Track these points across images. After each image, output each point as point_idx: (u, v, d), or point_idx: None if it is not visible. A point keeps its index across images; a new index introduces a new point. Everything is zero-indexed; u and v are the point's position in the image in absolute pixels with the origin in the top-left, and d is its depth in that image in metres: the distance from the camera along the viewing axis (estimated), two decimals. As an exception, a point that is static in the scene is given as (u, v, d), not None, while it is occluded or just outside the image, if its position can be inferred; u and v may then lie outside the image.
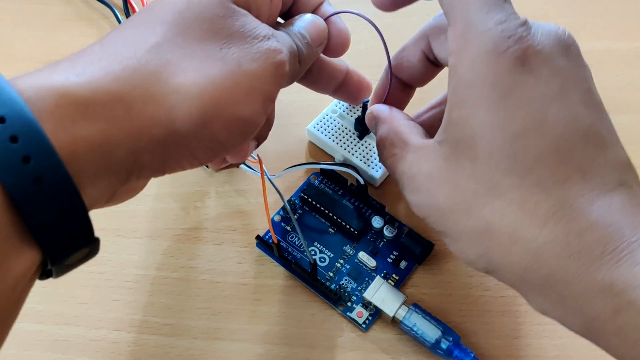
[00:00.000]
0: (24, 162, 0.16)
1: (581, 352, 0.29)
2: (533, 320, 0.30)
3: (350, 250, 0.32)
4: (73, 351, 0.30)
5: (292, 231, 0.33)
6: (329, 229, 0.33)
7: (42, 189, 0.16)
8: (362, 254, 0.32)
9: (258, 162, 0.31)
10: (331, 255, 0.32)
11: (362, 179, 0.31)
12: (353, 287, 0.31)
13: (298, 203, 0.34)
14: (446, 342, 0.28)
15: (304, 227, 0.33)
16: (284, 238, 0.33)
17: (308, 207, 0.33)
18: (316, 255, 0.32)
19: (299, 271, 0.31)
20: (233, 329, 0.31)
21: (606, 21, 0.40)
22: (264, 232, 0.33)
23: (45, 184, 0.16)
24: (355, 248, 0.32)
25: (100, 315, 0.31)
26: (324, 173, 0.34)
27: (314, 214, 0.33)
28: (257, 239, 0.32)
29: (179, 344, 0.30)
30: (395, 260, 0.32)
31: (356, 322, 0.30)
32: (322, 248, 0.32)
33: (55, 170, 0.17)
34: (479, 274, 0.32)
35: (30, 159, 0.16)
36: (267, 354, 0.30)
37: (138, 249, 0.33)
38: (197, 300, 0.31)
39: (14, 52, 0.40)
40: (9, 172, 0.16)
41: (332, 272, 0.32)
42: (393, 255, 0.32)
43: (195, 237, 0.33)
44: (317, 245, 0.32)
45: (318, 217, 0.33)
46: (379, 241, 0.32)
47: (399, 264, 0.32)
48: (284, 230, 0.33)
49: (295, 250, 0.32)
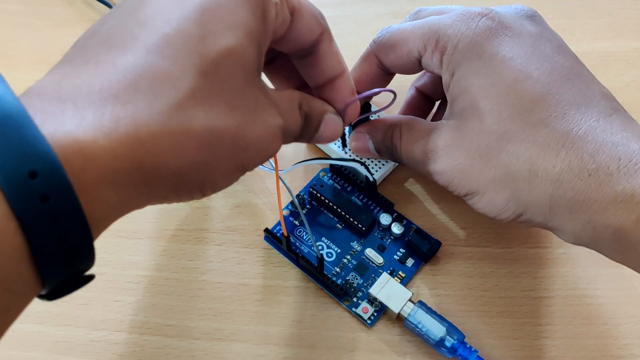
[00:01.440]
0: (50, 221, 0.16)
1: (581, 352, 0.29)
2: (533, 320, 0.30)
3: (357, 246, 0.32)
4: (74, 352, 0.30)
5: (300, 226, 0.33)
6: (336, 224, 0.33)
7: (61, 247, 0.17)
8: (369, 250, 0.32)
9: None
10: (338, 251, 0.32)
11: (371, 176, 0.32)
12: (359, 282, 0.31)
13: (307, 198, 0.34)
14: (451, 340, 0.28)
15: (312, 222, 0.33)
16: (292, 233, 0.33)
17: (317, 203, 0.34)
18: (323, 250, 0.32)
19: (306, 265, 0.31)
20: (234, 330, 0.31)
21: (606, 21, 0.40)
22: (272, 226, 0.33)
23: (68, 244, 0.17)
24: (362, 244, 0.32)
25: (101, 316, 0.31)
26: (333, 169, 0.34)
27: (322, 210, 0.34)
28: (266, 231, 0.32)
29: (180, 344, 0.30)
30: (402, 257, 0.32)
31: (361, 318, 0.30)
32: (329, 243, 0.32)
33: (80, 234, 0.17)
34: (479, 274, 0.32)
35: (58, 220, 0.16)
36: (268, 354, 0.30)
37: (139, 249, 0.33)
38: (198, 301, 0.32)
39: (16, 53, 0.41)
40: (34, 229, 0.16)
41: (339, 268, 0.32)
42: (400, 252, 0.32)
43: (195, 237, 0.33)
44: (325, 241, 0.33)
45: (326, 213, 0.33)
46: (386, 238, 0.33)
47: (405, 261, 0.32)
48: (292, 224, 0.33)
49: (302, 245, 0.32)
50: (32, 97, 0.18)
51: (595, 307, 0.31)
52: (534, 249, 0.32)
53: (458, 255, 0.32)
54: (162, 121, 0.18)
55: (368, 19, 0.41)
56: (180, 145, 0.19)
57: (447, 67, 0.27)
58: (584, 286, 0.31)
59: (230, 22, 0.20)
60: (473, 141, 0.25)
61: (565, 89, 0.24)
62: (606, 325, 0.30)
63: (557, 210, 0.24)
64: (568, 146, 0.23)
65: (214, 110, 0.19)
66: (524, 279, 0.31)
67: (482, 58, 0.25)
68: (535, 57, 0.25)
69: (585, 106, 0.24)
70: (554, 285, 0.31)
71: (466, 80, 0.26)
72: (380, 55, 0.29)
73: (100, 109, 0.17)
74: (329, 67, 0.26)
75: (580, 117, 0.24)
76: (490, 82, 0.25)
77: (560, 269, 0.32)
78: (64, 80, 0.18)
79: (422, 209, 0.34)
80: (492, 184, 0.25)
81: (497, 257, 0.32)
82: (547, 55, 0.25)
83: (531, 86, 0.24)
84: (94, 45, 0.20)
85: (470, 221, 0.33)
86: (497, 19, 0.26)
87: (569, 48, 0.27)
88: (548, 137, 0.24)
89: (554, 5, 0.41)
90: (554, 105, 0.24)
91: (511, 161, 0.24)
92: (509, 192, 0.25)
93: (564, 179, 0.23)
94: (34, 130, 0.16)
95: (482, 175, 0.25)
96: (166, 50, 0.19)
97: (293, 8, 0.24)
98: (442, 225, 0.33)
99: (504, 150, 0.25)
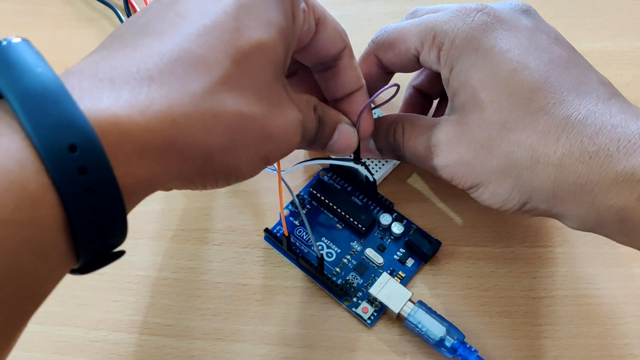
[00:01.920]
0: (87, 193, 0.17)
1: (581, 352, 0.29)
2: (533, 320, 0.30)
3: (357, 247, 0.32)
4: (73, 352, 0.30)
5: (300, 226, 0.33)
6: (336, 224, 0.33)
7: (96, 219, 0.17)
8: (369, 250, 0.32)
9: None
10: (338, 251, 0.32)
11: (371, 176, 0.32)
12: (359, 282, 0.31)
13: (307, 198, 0.34)
14: (450, 340, 0.28)
15: (312, 222, 0.33)
16: (292, 232, 0.33)
17: (317, 203, 0.34)
18: (323, 250, 0.32)
19: (306, 265, 0.31)
20: (234, 330, 0.31)
21: (606, 21, 0.40)
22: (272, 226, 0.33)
23: (103, 216, 0.17)
24: (362, 244, 0.32)
25: (100, 316, 0.31)
26: (333, 169, 0.34)
27: (322, 210, 0.34)
28: (266, 231, 0.32)
29: (179, 345, 0.30)
30: (402, 257, 0.32)
31: (361, 318, 0.30)
32: (329, 243, 0.32)
33: (115, 208, 0.17)
34: (479, 274, 0.32)
35: (94, 192, 0.17)
36: (268, 354, 0.30)
37: (138, 249, 0.33)
38: (197, 301, 0.32)
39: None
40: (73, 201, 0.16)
41: (339, 268, 0.32)
42: (400, 252, 0.32)
43: (195, 237, 0.33)
44: (325, 241, 0.33)
45: (326, 213, 0.33)
46: (386, 238, 0.33)
47: (405, 261, 0.32)
48: (292, 224, 0.33)
49: (302, 245, 0.32)
50: (69, 76, 0.18)
51: (595, 307, 0.31)
52: (533, 249, 0.32)
53: (458, 255, 0.32)
54: (195, 103, 0.19)
55: (368, 19, 0.41)
56: (210, 126, 0.20)
57: (446, 63, 0.27)
58: (584, 286, 0.31)
59: (263, 19, 0.21)
60: (475, 133, 0.26)
61: (563, 77, 0.25)
62: (606, 325, 0.30)
63: (561, 195, 0.24)
64: (568, 131, 0.23)
65: (243, 97, 0.20)
66: (524, 278, 0.31)
67: (480, 51, 0.26)
68: (532, 48, 0.25)
69: (583, 92, 0.24)
70: (554, 285, 0.31)
71: (465, 74, 0.26)
72: (378, 54, 0.30)
73: (136, 89, 0.18)
74: (348, 82, 0.28)
75: (579, 102, 0.24)
76: (488, 74, 0.25)
77: (560, 268, 0.32)
78: (102, 61, 0.19)
79: (422, 208, 0.34)
80: (495, 174, 0.25)
81: (497, 257, 0.32)
82: (544, 46, 0.26)
83: (529, 75, 0.25)
84: (131, 33, 0.21)
85: (470, 221, 0.33)
86: (493, 14, 0.26)
87: (565, 39, 0.27)
88: (548, 123, 0.24)
89: (554, 4, 0.41)
90: (552, 92, 0.24)
91: (513, 150, 0.25)
92: (513, 181, 0.25)
93: (566, 163, 0.23)
94: (73, 105, 0.17)
95: (485, 166, 0.26)
96: (202, 38, 0.20)
97: (319, 19, 0.25)
98: (442, 225, 0.33)
99: (505, 140, 0.25)
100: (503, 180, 0.25)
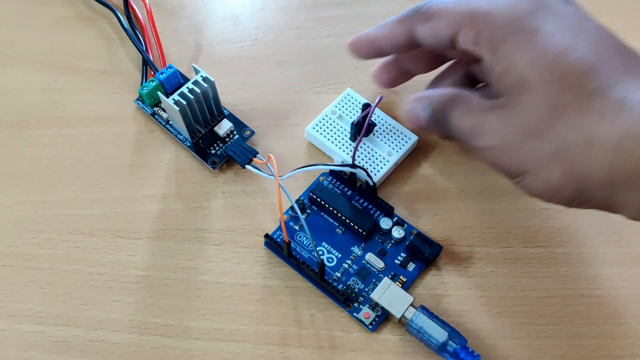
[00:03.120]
0: None
1: (581, 352, 0.29)
2: (533, 320, 0.30)
3: (358, 251, 0.32)
4: (72, 352, 0.30)
5: (300, 230, 0.33)
6: (337, 229, 0.33)
7: None
8: (370, 254, 0.32)
9: (264, 162, 0.31)
10: (339, 256, 0.32)
11: (371, 180, 0.31)
12: (360, 287, 0.31)
13: (307, 203, 0.34)
14: (453, 345, 0.28)
15: (312, 227, 0.33)
16: (292, 237, 0.33)
17: (317, 207, 0.33)
18: (324, 255, 0.32)
19: (307, 271, 0.31)
20: (234, 330, 0.31)
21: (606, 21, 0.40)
22: (272, 231, 0.33)
23: None
24: (363, 249, 0.32)
25: (100, 317, 0.31)
26: (333, 173, 0.34)
27: (322, 214, 0.33)
28: (266, 237, 0.32)
29: (179, 344, 0.30)
30: (403, 262, 0.32)
31: (363, 323, 0.30)
32: (329, 248, 0.32)
33: None
34: (478, 274, 0.32)
35: None
36: (268, 354, 0.30)
37: (138, 249, 0.33)
38: (197, 301, 0.31)
39: (14, 53, 0.40)
40: None
41: (340, 273, 0.32)
42: (401, 257, 0.32)
43: (195, 237, 0.33)
44: (325, 246, 0.32)
45: (326, 217, 0.33)
46: (387, 242, 0.32)
47: (406, 265, 0.32)
48: (291, 229, 0.33)
49: (303, 250, 0.32)
50: None
51: (595, 307, 0.31)
52: (533, 249, 0.32)
53: (458, 256, 0.32)
54: None
55: (368, 19, 0.41)
56: None
57: (489, 45, 0.26)
58: (584, 286, 0.31)
59: None
60: (524, 116, 0.25)
61: (615, 58, 0.24)
62: (606, 325, 0.30)
63: (619, 180, 0.23)
64: (626, 112, 0.22)
65: None
66: (524, 279, 0.31)
67: (524, 33, 0.25)
68: (579, 30, 0.25)
69: (635, 73, 0.24)
70: (554, 285, 0.31)
71: (511, 56, 0.25)
72: (415, 23, 0.29)
73: None
74: None
75: (633, 83, 0.23)
76: (536, 56, 0.24)
77: (560, 268, 0.32)
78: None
79: (422, 211, 0.34)
80: (546, 159, 0.24)
81: (497, 257, 0.32)
82: (591, 28, 0.25)
83: (580, 56, 0.24)
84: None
85: (470, 221, 0.33)
86: (538, 2, 0.26)
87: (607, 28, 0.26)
88: (603, 104, 0.23)
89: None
90: (606, 73, 0.23)
91: (565, 133, 0.23)
92: (566, 167, 0.24)
93: (624, 146, 0.22)
94: None
95: (535, 151, 0.24)
96: None
97: None
98: (442, 227, 0.33)
99: (557, 123, 0.24)
100: (555, 167, 0.24)
